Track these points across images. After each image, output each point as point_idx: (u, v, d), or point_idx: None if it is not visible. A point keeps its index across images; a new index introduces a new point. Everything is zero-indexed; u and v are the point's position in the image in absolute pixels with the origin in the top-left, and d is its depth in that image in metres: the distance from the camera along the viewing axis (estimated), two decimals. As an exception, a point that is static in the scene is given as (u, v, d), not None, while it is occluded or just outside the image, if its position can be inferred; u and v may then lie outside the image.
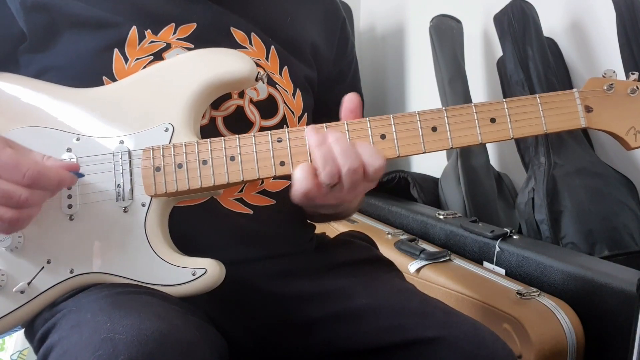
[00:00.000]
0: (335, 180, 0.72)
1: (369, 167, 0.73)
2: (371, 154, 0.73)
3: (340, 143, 0.73)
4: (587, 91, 0.79)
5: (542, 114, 0.78)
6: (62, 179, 0.72)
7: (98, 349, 0.59)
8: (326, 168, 0.72)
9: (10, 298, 0.76)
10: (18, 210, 0.69)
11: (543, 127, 0.78)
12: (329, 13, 1.02)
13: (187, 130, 0.78)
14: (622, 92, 0.79)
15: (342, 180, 0.72)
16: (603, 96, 0.79)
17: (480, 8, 1.99)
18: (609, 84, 0.78)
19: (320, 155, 0.72)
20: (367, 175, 0.73)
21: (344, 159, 0.72)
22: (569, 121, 0.78)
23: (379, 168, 0.73)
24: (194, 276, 0.76)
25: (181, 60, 0.82)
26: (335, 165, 0.72)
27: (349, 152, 0.72)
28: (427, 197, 1.89)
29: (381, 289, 0.89)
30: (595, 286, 1.13)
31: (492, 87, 1.97)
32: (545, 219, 1.50)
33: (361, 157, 0.72)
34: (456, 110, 0.77)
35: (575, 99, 0.78)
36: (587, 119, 0.78)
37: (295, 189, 0.74)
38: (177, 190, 0.76)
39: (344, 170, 0.72)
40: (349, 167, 0.71)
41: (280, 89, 0.91)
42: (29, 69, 0.85)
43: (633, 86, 0.78)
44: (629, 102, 0.79)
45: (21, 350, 1.55)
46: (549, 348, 1.08)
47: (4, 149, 0.68)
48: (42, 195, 0.71)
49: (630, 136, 0.78)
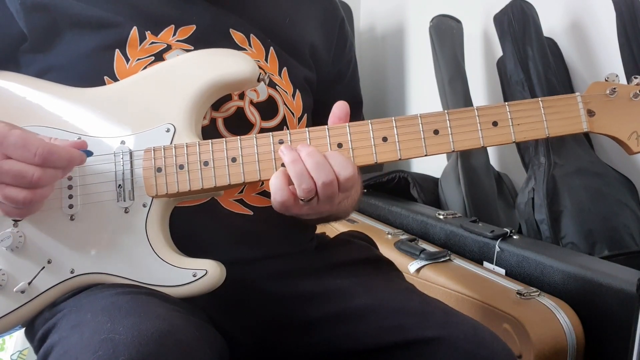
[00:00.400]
0: (312, 195, 0.73)
1: (340, 177, 0.73)
2: (342, 163, 0.74)
3: (312, 157, 0.73)
4: (590, 95, 0.79)
5: (545, 118, 0.78)
6: (72, 157, 0.71)
7: (98, 349, 0.59)
8: (302, 185, 0.73)
9: (10, 297, 0.76)
10: (32, 191, 0.68)
11: (545, 131, 0.78)
12: (328, 13, 1.02)
13: (188, 131, 0.78)
14: (625, 96, 0.78)
15: (318, 193, 0.73)
16: (605, 100, 0.78)
17: (480, 8, 1.99)
18: (612, 88, 0.78)
19: (295, 174, 0.73)
20: (340, 185, 0.74)
21: (318, 174, 0.73)
22: (571, 125, 0.78)
23: (349, 177, 0.74)
24: (194, 277, 0.76)
25: (183, 61, 0.82)
26: (311, 181, 0.73)
27: (322, 165, 0.73)
28: (427, 197, 1.89)
29: (381, 288, 0.89)
30: (595, 286, 1.13)
31: (492, 87, 1.97)
32: (545, 219, 1.50)
33: (333, 170, 0.73)
34: (458, 113, 0.77)
35: (578, 103, 0.78)
36: (589, 123, 0.78)
37: (272, 198, 0.75)
38: (178, 191, 0.76)
39: (319, 184, 0.73)
40: (323, 180, 0.72)
41: (280, 90, 0.91)
42: (30, 69, 0.85)
43: (636, 90, 0.78)
44: (631, 106, 0.78)
45: (21, 350, 1.55)
46: (549, 348, 1.08)
47: (12, 130, 0.67)
48: (53, 174, 0.70)
49: (633, 141, 0.78)
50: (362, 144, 0.77)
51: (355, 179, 0.75)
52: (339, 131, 0.77)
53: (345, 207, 0.96)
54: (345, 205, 0.96)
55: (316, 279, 0.90)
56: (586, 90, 0.79)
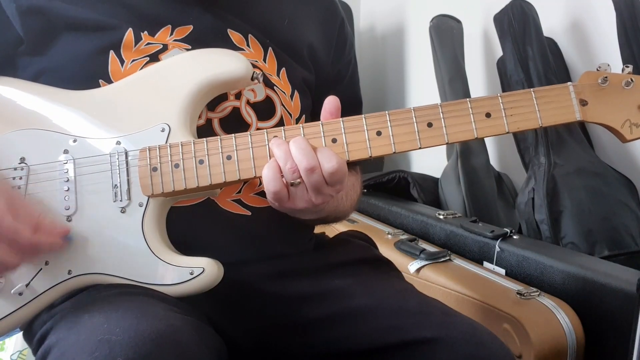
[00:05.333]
0: (296, 176, 0.74)
1: (324, 167, 0.74)
2: (327, 156, 0.74)
3: (297, 143, 0.75)
4: (582, 84, 0.79)
5: (537, 108, 0.78)
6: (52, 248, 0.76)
7: (95, 351, 0.59)
8: (287, 165, 0.74)
9: (8, 300, 0.76)
10: None
11: (538, 121, 0.78)
12: (327, 13, 1.02)
13: (183, 130, 0.78)
14: (617, 85, 0.79)
15: (303, 179, 0.74)
16: (598, 89, 0.79)
17: (480, 8, 1.99)
18: (603, 77, 0.78)
19: (279, 154, 0.75)
20: (326, 177, 0.74)
21: (300, 158, 0.74)
22: (564, 115, 0.78)
23: (334, 170, 0.74)
24: (191, 275, 0.76)
25: (177, 61, 0.82)
26: (294, 162, 0.74)
27: (305, 151, 0.74)
28: (427, 197, 1.88)
29: (380, 289, 0.89)
30: (595, 286, 1.13)
31: (492, 87, 1.97)
32: (545, 219, 1.50)
33: (317, 157, 0.74)
34: (451, 105, 0.78)
35: (570, 92, 0.78)
36: (582, 112, 0.78)
37: (266, 189, 0.75)
38: (174, 190, 0.76)
39: (301, 168, 0.73)
40: (305, 166, 0.73)
41: (278, 90, 0.91)
42: (26, 72, 0.85)
43: (627, 79, 0.78)
44: (623, 95, 0.79)
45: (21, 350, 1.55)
46: (549, 348, 1.08)
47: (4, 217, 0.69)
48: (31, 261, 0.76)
49: (626, 129, 0.79)
50: (357, 139, 0.77)
51: (343, 173, 0.75)
52: (333, 127, 0.77)
53: (344, 208, 0.96)
54: (344, 205, 0.96)
55: (314, 279, 0.90)
56: (578, 79, 0.80)
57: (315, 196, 0.76)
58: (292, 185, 0.75)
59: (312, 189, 0.75)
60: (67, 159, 0.78)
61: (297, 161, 0.74)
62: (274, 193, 0.75)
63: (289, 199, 0.76)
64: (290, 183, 0.75)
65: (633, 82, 0.78)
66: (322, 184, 0.75)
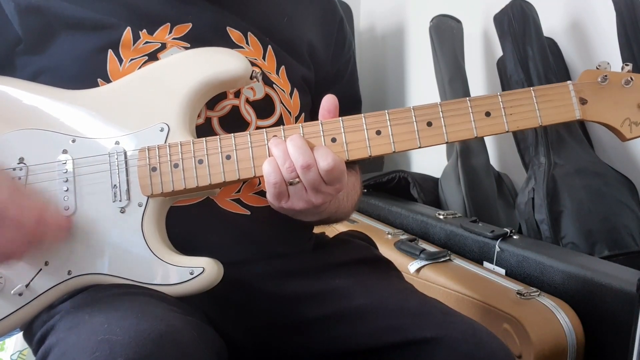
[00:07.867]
0: (294, 175, 0.74)
1: (320, 165, 0.74)
2: (323, 154, 0.74)
3: (293, 141, 0.75)
4: (582, 83, 0.79)
5: (537, 107, 0.78)
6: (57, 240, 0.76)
7: (95, 351, 0.59)
8: (285, 164, 0.74)
9: (8, 300, 0.76)
10: None
11: (538, 120, 0.78)
12: (327, 12, 1.02)
13: (182, 129, 0.78)
14: (616, 83, 0.79)
15: (300, 177, 0.74)
16: (597, 88, 0.79)
17: (480, 8, 1.99)
18: (603, 75, 0.78)
19: (277, 154, 0.75)
20: (322, 175, 0.74)
21: (296, 156, 0.74)
22: (563, 113, 0.78)
23: (330, 168, 0.74)
24: (191, 275, 0.76)
25: (175, 60, 0.82)
26: (291, 161, 0.74)
27: (302, 149, 0.74)
28: (427, 197, 1.88)
29: (379, 289, 0.89)
30: (595, 286, 1.13)
31: (492, 87, 1.97)
32: (545, 219, 1.50)
33: (313, 155, 0.74)
34: (451, 104, 0.78)
35: (570, 91, 0.78)
36: (582, 111, 0.78)
37: (266, 181, 0.75)
38: (173, 190, 0.76)
39: (297, 166, 0.73)
40: (301, 163, 0.73)
41: (277, 88, 0.91)
42: (25, 71, 0.85)
43: (627, 77, 0.78)
44: (623, 93, 0.79)
45: (21, 350, 1.55)
46: (549, 348, 1.08)
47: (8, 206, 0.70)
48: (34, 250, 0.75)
49: (626, 127, 0.79)
50: (356, 138, 0.77)
51: (339, 171, 0.75)
52: (332, 126, 0.77)
53: (345, 209, 0.96)
54: (345, 206, 0.96)
55: (314, 279, 0.90)
56: (578, 78, 0.80)
57: (314, 196, 0.76)
58: (291, 185, 0.75)
59: (310, 188, 0.75)
60: (66, 159, 0.78)
61: (294, 159, 0.74)
62: (274, 185, 0.75)
63: (289, 198, 0.76)
64: (289, 182, 0.75)
65: (633, 81, 0.78)
66: (319, 182, 0.75)
